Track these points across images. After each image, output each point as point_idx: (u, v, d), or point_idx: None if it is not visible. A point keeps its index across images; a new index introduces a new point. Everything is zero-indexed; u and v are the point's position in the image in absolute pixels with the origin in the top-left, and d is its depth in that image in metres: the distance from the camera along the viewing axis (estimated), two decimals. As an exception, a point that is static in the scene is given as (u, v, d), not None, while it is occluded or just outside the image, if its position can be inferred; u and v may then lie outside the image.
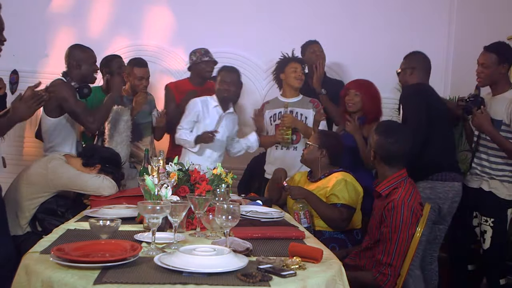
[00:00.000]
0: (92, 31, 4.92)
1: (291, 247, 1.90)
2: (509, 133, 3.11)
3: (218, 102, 3.78)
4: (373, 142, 2.55)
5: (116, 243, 1.87)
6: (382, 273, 2.35)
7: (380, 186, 2.54)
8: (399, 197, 2.39)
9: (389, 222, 2.37)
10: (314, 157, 3.12)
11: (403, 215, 2.35)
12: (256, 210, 2.70)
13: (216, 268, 1.63)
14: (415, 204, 2.41)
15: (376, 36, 4.88)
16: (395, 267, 2.34)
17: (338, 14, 5.00)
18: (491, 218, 3.16)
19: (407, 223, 2.35)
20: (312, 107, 3.79)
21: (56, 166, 2.90)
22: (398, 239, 2.34)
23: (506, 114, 3.10)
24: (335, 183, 2.96)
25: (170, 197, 2.14)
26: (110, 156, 3.11)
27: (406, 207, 2.36)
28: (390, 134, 2.52)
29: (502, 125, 3.12)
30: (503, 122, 3.11)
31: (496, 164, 3.17)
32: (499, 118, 3.12)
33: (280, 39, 4.78)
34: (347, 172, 3.06)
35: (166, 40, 4.99)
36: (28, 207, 2.88)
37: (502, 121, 3.11)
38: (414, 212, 2.38)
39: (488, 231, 3.16)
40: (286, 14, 4.99)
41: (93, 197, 2.84)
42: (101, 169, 3.00)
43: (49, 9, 4.87)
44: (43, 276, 1.62)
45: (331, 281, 1.74)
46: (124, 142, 3.66)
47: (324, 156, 3.10)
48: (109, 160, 3.07)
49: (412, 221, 2.37)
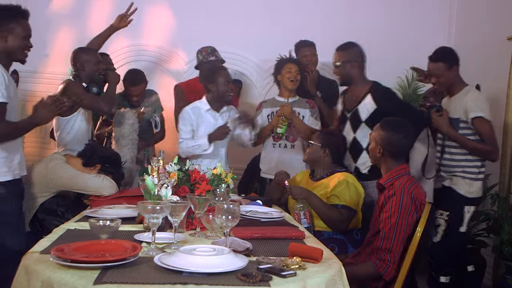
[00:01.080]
0: (92, 31, 4.89)
1: (291, 247, 1.90)
2: (468, 129, 3.17)
3: (209, 105, 3.66)
4: (381, 139, 2.56)
5: (116, 243, 1.87)
6: (382, 260, 2.35)
7: (383, 178, 2.57)
8: (399, 184, 2.43)
9: (388, 207, 2.39)
10: (317, 156, 3.12)
11: (403, 200, 2.37)
12: (256, 210, 2.70)
13: (216, 268, 1.63)
14: (416, 191, 2.43)
15: (376, 36, 4.87)
16: (394, 253, 2.34)
17: (338, 14, 5.00)
18: (446, 212, 3.21)
19: (407, 209, 2.36)
20: (308, 107, 3.79)
21: (56, 166, 2.91)
22: (397, 224, 2.35)
23: (463, 111, 3.16)
24: (337, 183, 2.95)
25: (170, 197, 2.14)
26: (110, 156, 3.11)
27: (406, 193, 2.39)
28: (399, 130, 2.56)
29: (460, 123, 3.18)
30: (461, 120, 3.18)
31: (458, 161, 3.23)
32: (457, 116, 3.19)
33: (281, 39, 4.77)
34: (349, 173, 3.06)
35: (166, 40, 4.99)
36: (28, 207, 2.88)
37: (459, 118, 3.18)
38: (414, 199, 2.39)
39: (442, 225, 3.22)
40: (286, 13, 4.99)
41: (93, 197, 2.84)
42: (101, 169, 3.00)
43: (49, 9, 4.87)
44: (43, 276, 1.62)
45: (331, 281, 1.74)
46: (130, 145, 3.63)
47: (327, 155, 3.10)
48: (109, 160, 3.07)
49: (412, 207, 2.38)
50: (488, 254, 4.04)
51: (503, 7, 4.31)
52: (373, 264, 2.37)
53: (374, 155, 2.62)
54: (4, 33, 2.65)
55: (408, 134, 2.59)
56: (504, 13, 4.28)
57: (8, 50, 2.68)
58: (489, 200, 4.00)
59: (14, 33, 2.66)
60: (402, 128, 2.59)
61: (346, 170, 3.08)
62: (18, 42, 2.68)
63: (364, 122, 3.27)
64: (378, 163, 2.65)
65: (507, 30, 4.11)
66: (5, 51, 2.67)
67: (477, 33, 4.68)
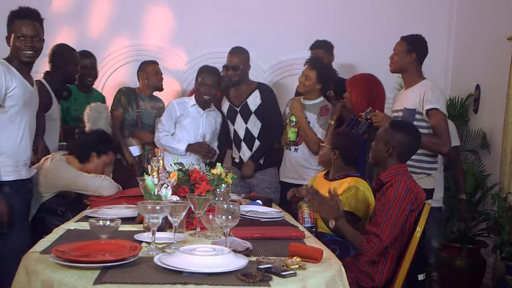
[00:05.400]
0: (92, 31, 4.92)
1: (291, 247, 1.90)
2: (423, 121, 3.15)
3: (195, 101, 3.79)
4: (393, 139, 2.56)
5: (116, 243, 1.87)
6: (368, 240, 2.40)
7: (382, 174, 2.58)
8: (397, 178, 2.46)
9: (384, 197, 2.44)
10: (328, 158, 3.08)
11: (397, 190, 2.41)
12: (256, 210, 2.69)
13: (216, 268, 1.63)
14: (413, 184, 2.46)
15: (376, 36, 4.88)
16: (381, 240, 2.37)
17: (338, 14, 5.00)
18: None
19: (400, 199, 2.39)
20: (318, 113, 3.74)
21: (57, 167, 2.91)
22: (388, 212, 2.39)
23: (419, 103, 3.14)
24: (346, 188, 2.90)
25: (170, 197, 2.14)
26: (98, 137, 3.09)
27: (402, 184, 2.42)
28: (410, 132, 2.60)
29: (416, 114, 3.16)
30: (417, 111, 3.16)
31: (416, 155, 3.04)
32: (413, 108, 3.18)
33: (281, 39, 4.78)
34: (363, 179, 2.99)
35: (166, 40, 4.99)
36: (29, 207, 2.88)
37: (416, 110, 3.17)
38: (410, 191, 2.42)
39: None
40: (286, 13, 4.99)
41: (93, 197, 2.84)
42: (98, 155, 3.00)
43: (49, 9, 4.86)
44: (43, 276, 1.62)
45: (331, 281, 1.74)
46: None
47: (337, 157, 3.04)
48: (100, 140, 3.06)
49: (407, 197, 2.40)
50: (488, 254, 4.04)
51: (503, 7, 4.32)
52: (360, 239, 2.42)
53: (381, 155, 2.60)
54: (8, 36, 2.74)
55: (418, 137, 2.63)
56: (504, 13, 4.28)
57: (12, 52, 2.74)
58: (489, 200, 4.00)
59: (13, 35, 2.71)
60: (413, 130, 2.63)
61: (360, 176, 3.02)
62: (14, 42, 2.71)
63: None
64: (380, 163, 2.63)
65: (507, 30, 4.11)
66: (12, 53, 2.74)
67: (477, 33, 4.68)
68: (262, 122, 3.85)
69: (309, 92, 3.78)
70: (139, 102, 4.05)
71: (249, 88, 3.89)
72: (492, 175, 3.98)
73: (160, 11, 4.98)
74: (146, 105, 4.08)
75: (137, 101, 4.04)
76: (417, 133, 2.64)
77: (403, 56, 3.24)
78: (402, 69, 3.29)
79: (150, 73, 4.10)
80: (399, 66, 3.28)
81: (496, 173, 4.03)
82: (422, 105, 3.13)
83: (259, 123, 3.85)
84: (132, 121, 4.02)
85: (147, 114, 4.07)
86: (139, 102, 4.05)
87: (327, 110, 3.75)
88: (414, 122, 3.10)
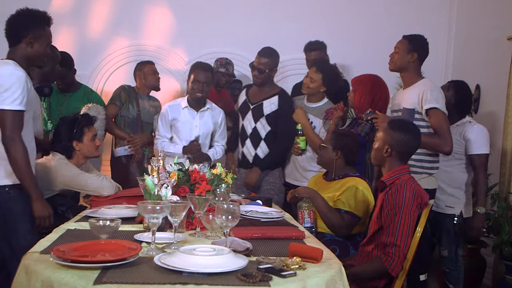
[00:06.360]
0: (92, 31, 4.93)
1: (291, 247, 1.90)
2: (422, 121, 3.14)
3: (188, 103, 3.74)
4: (391, 139, 2.55)
5: (116, 243, 1.87)
6: (387, 254, 2.34)
7: (384, 175, 2.56)
8: (401, 181, 2.44)
9: (392, 204, 2.40)
10: (329, 159, 3.05)
11: (405, 195, 2.38)
12: (256, 210, 2.69)
13: (216, 268, 1.63)
14: (418, 187, 2.45)
15: (376, 36, 4.88)
16: (399, 247, 2.33)
17: (338, 14, 5.01)
18: None
19: (409, 204, 2.37)
20: (324, 117, 3.72)
21: (60, 165, 2.90)
22: (400, 218, 2.35)
23: (418, 102, 3.13)
24: (346, 188, 2.90)
25: (170, 197, 2.14)
26: (66, 127, 3.01)
27: (408, 188, 2.40)
28: (408, 131, 2.57)
29: (416, 114, 3.16)
30: (416, 111, 3.16)
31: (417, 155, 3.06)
32: (412, 107, 3.17)
33: (281, 38, 4.77)
34: (362, 179, 2.98)
35: (166, 40, 5.00)
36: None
37: (414, 109, 3.16)
38: (416, 195, 2.40)
39: None
40: (286, 14, 5.00)
41: (93, 197, 2.84)
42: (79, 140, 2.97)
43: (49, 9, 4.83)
44: (43, 276, 1.62)
45: (331, 281, 1.74)
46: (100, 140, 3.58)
47: (339, 157, 3.02)
48: (69, 128, 2.99)
49: (414, 203, 2.38)
50: (488, 254, 4.04)
51: (503, 7, 4.32)
52: (379, 259, 2.37)
53: (380, 154, 2.60)
54: (31, 39, 2.61)
55: (417, 135, 2.61)
56: (504, 13, 4.28)
57: (31, 56, 2.63)
58: (489, 200, 3.99)
59: (40, 40, 2.63)
60: (410, 129, 2.60)
61: (360, 176, 3.02)
62: (43, 49, 2.65)
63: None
64: (380, 163, 2.63)
65: (507, 30, 4.11)
66: (27, 56, 2.63)
67: (477, 33, 4.68)
68: (271, 127, 3.78)
69: (313, 95, 3.76)
70: (139, 101, 4.09)
71: (270, 91, 3.82)
72: (492, 175, 3.97)
73: (160, 11, 4.99)
74: (145, 104, 4.13)
75: (137, 100, 4.08)
76: (416, 132, 2.62)
77: (404, 55, 3.23)
78: (401, 68, 3.28)
79: (147, 73, 4.12)
80: (398, 65, 3.27)
81: (496, 173, 4.03)
82: (421, 105, 3.12)
83: (268, 127, 3.78)
84: (133, 119, 4.06)
85: (147, 113, 4.13)
86: (139, 101, 4.09)
87: (332, 113, 3.72)
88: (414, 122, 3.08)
